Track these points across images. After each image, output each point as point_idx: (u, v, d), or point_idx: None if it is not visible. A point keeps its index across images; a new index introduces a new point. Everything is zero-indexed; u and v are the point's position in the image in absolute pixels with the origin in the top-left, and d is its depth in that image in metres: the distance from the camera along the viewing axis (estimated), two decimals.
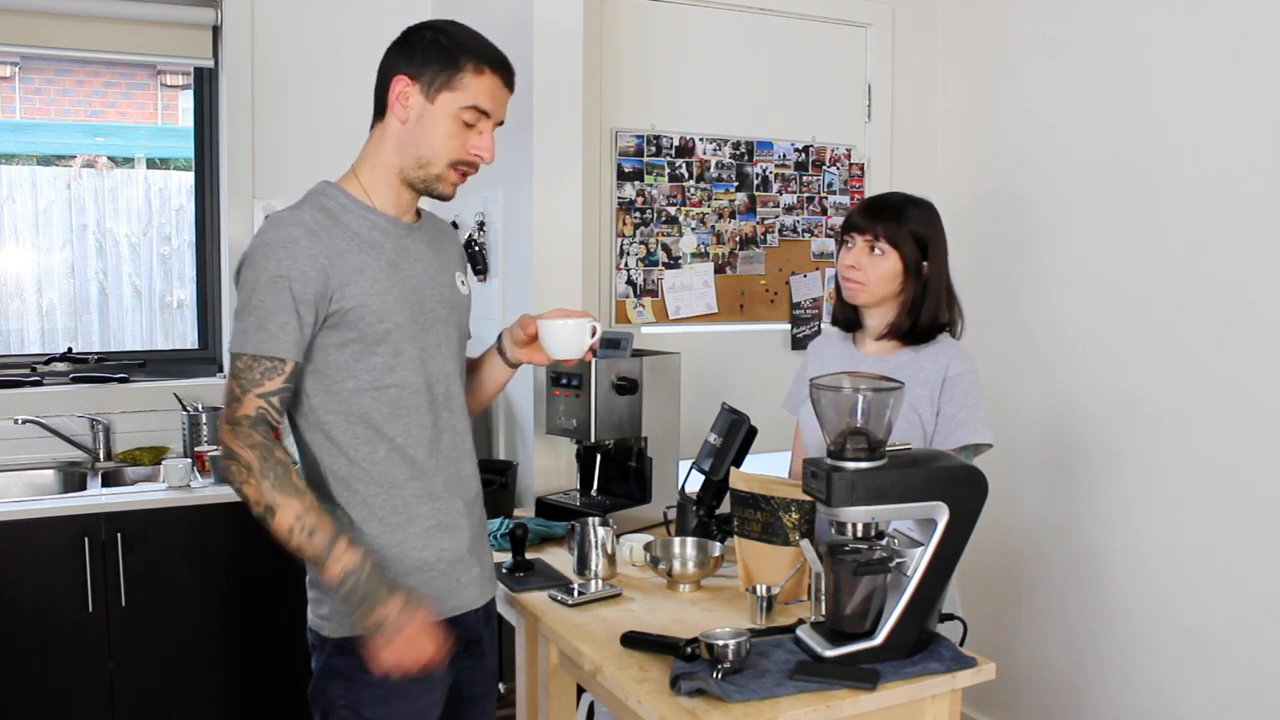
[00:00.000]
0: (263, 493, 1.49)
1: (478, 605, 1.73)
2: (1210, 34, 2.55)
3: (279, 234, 1.54)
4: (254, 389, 1.52)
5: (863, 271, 2.01)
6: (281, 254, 1.53)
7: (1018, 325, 3.11)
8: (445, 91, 1.60)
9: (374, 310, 1.58)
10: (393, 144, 1.63)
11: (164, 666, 2.66)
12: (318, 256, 1.54)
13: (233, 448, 1.51)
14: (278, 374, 1.53)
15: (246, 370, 1.53)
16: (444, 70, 1.60)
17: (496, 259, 2.93)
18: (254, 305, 1.53)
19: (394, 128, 1.63)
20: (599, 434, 2.43)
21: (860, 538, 1.65)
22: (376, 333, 1.59)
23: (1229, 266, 2.51)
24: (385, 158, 1.64)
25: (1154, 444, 2.70)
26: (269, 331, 1.52)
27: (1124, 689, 2.79)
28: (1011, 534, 3.12)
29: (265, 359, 1.52)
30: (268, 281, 1.52)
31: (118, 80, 3.92)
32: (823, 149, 3.34)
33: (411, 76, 1.60)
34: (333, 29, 3.23)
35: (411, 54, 1.61)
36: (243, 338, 1.53)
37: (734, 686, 1.53)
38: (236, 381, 1.53)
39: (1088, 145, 2.88)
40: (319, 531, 1.50)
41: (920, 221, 2.02)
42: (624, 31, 3.05)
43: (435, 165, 1.63)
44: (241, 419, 1.52)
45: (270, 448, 1.51)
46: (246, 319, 1.53)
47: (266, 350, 1.52)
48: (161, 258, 3.57)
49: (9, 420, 2.95)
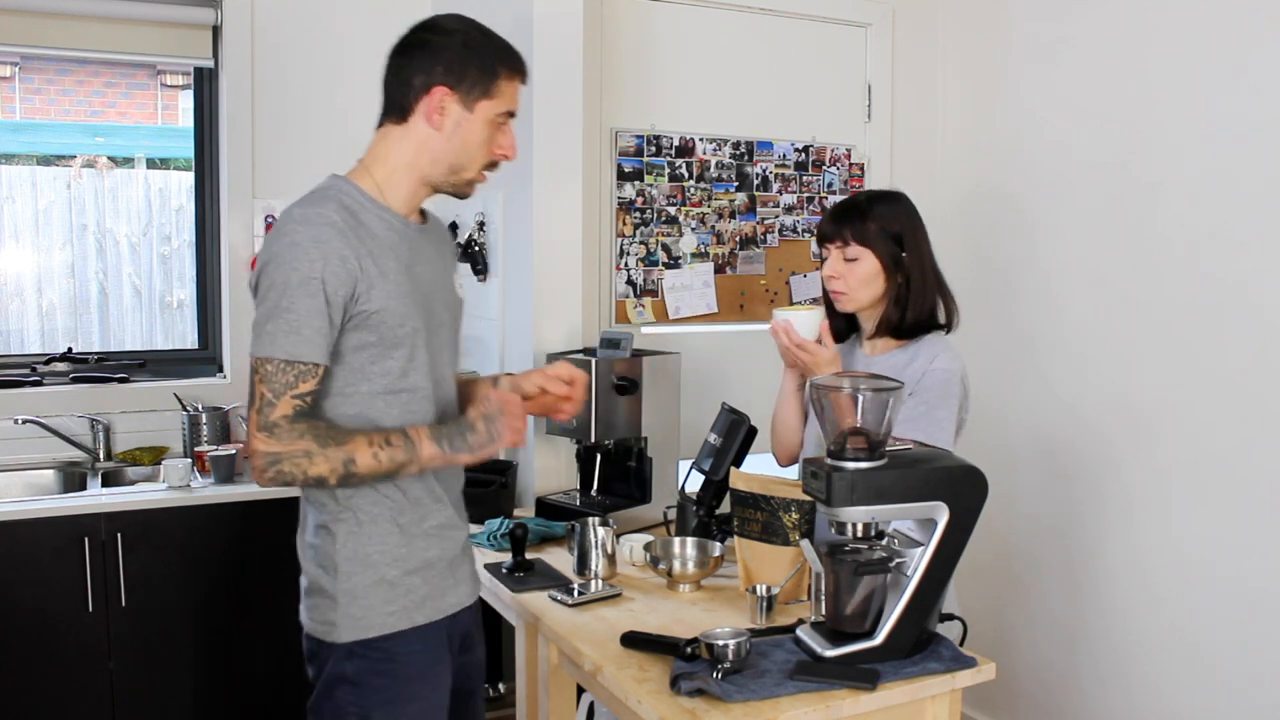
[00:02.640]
0: (333, 459, 1.48)
1: (472, 601, 1.75)
2: (1210, 34, 2.55)
3: (310, 233, 1.50)
4: (289, 391, 1.49)
5: (843, 280, 2.00)
6: (315, 254, 1.48)
7: (1017, 325, 3.11)
8: (484, 100, 1.61)
9: (396, 313, 1.56)
10: (421, 150, 1.61)
11: (164, 666, 2.66)
12: (348, 258, 1.51)
13: (277, 450, 1.47)
14: (310, 378, 1.50)
15: (278, 374, 1.48)
16: (482, 79, 1.60)
17: (496, 259, 2.93)
18: (284, 308, 1.48)
19: (424, 134, 1.60)
20: (599, 434, 2.43)
21: (860, 538, 1.64)
22: (396, 336, 1.57)
23: (1228, 267, 2.51)
24: (408, 160, 1.62)
25: (1153, 444, 2.70)
26: (303, 336, 1.48)
27: (1123, 689, 2.79)
28: (1011, 534, 3.12)
29: (300, 364, 1.49)
30: (300, 283, 1.48)
31: (118, 80, 3.92)
32: (823, 149, 3.34)
33: (451, 86, 1.58)
34: (333, 29, 3.23)
35: (449, 63, 1.59)
36: (272, 341, 1.48)
37: (734, 686, 1.53)
38: (267, 386, 1.48)
39: (1087, 145, 2.88)
40: (392, 446, 1.52)
41: (888, 216, 1.99)
42: (624, 31, 3.05)
43: (470, 170, 1.64)
44: (279, 420, 1.48)
45: (312, 421, 1.50)
46: (277, 321, 1.48)
47: (301, 355, 1.48)
48: (161, 258, 3.57)
49: (9, 420, 2.94)
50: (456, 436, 1.57)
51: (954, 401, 1.94)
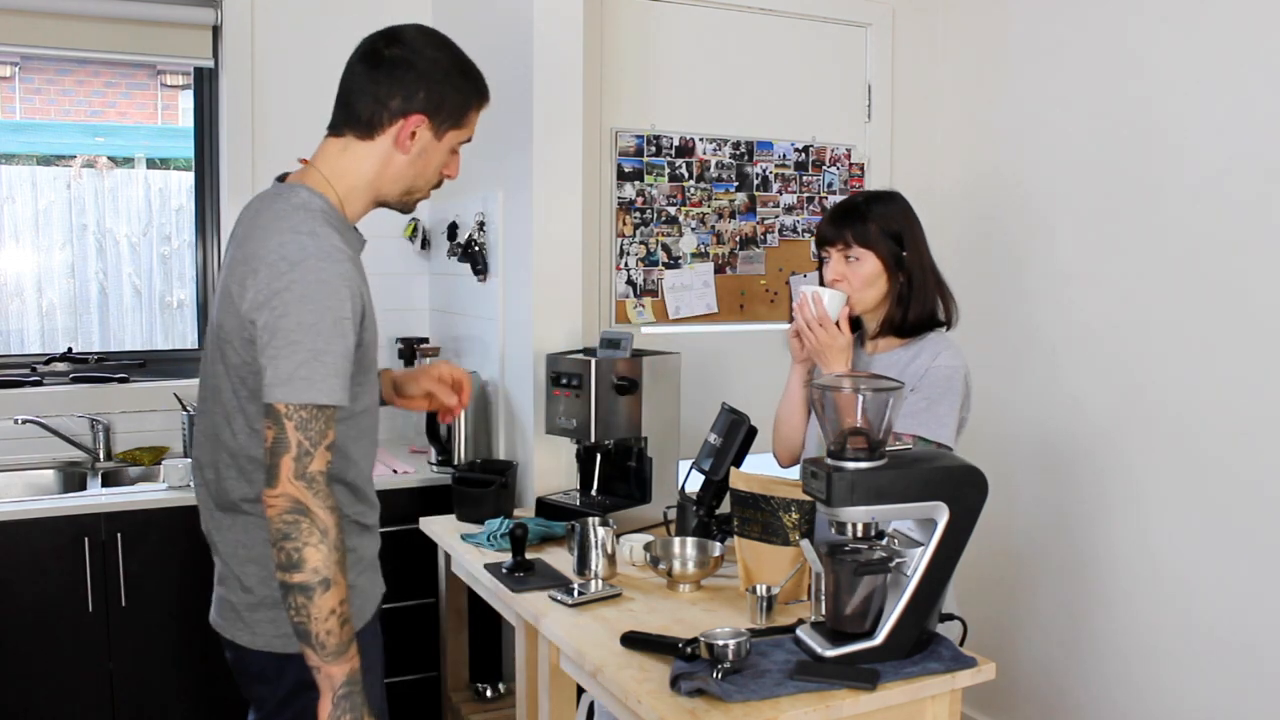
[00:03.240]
0: (329, 564, 1.41)
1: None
2: (1210, 33, 2.55)
3: (337, 270, 1.45)
4: (323, 442, 1.42)
5: (846, 282, 2.01)
6: (344, 294, 1.44)
7: (1017, 325, 3.11)
8: (453, 130, 1.63)
9: (372, 342, 1.57)
10: (383, 169, 1.60)
11: (164, 666, 2.66)
12: (362, 294, 1.50)
13: (310, 506, 1.40)
14: (334, 423, 1.45)
15: (314, 420, 1.41)
16: (456, 110, 1.62)
17: (496, 259, 2.93)
18: (322, 350, 1.42)
19: (388, 154, 1.59)
20: (599, 434, 2.43)
21: (860, 538, 1.64)
22: (368, 360, 1.56)
23: (1228, 266, 2.51)
24: (369, 179, 1.60)
25: (1154, 442, 2.70)
26: (342, 380, 1.44)
27: (1124, 689, 2.79)
28: (1011, 534, 3.12)
29: (332, 408, 1.44)
30: (333, 324, 1.43)
31: (118, 80, 3.92)
32: (823, 149, 3.34)
33: (429, 116, 1.59)
34: (333, 29, 3.23)
35: (430, 91, 1.58)
36: (309, 387, 1.41)
37: (734, 686, 1.53)
38: (303, 434, 1.41)
39: (1087, 145, 2.88)
40: (349, 624, 1.44)
41: (887, 216, 2.00)
42: (624, 31, 3.05)
43: (422, 190, 1.67)
44: (318, 475, 1.42)
45: (341, 519, 1.45)
46: (314, 367, 1.41)
47: (337, 399, 1.44)
48: (161, 258, 3.57)
49: (9, 420, 2.95)
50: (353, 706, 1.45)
51: (956, 399, 1.95)
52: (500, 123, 2.90)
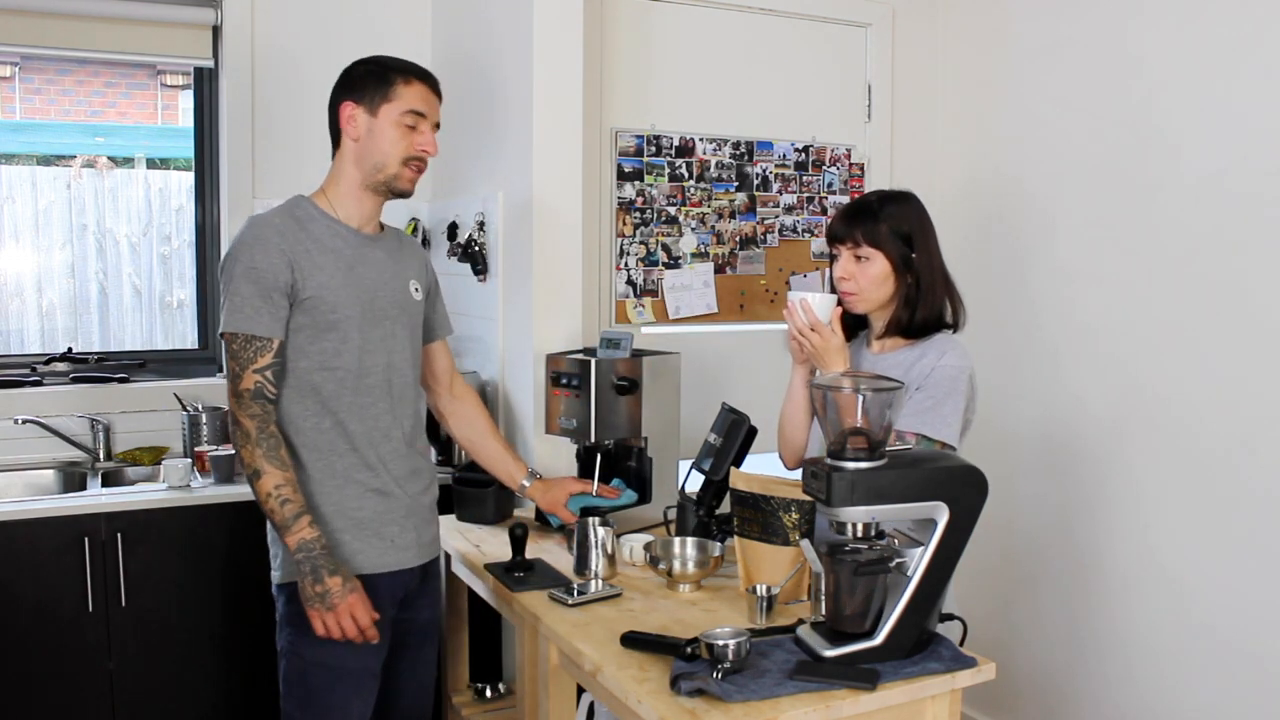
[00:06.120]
0: (255, 458, 1.80)
1: (412, 565, 2.00)
2: (1210, 33, 2.55)
3: (252, 233, 1.86)
4: (250, 365, 1.82)
5: (854, 280, 2.00)
6: (255, 249, 1.84)
7: (1017, 325, 3.11)
8: (384, 104, 1.91)
9: (327, 302, 1.87)
10: (351, 160, 1.94)
11: (164, 666, 2.66)
12: (285, 251, 1.85)
13: (237, 416, 1.82)
14: (267, 351, 1.83)
15: (241, 350, 1.82)
16: (379, 87, 1.92)
17: (496, 259, 2.92)
18: (233, 291, 1.83)
19: (349, 146, 1.94)
20: (599, 434, 2.43)
21: (860, 538, 1.65)
22: (328, 321, 1.88)
23: (1229, 266, 2.51)
24: (347, 174, 1.95)
25: (1154, 441, 2.70)
26: (245, 314, 1.81)
27: (1124, 688, 2.79)
28: (1012, 533, 3.12)
29: (255, 339, 1.82)
30: (243, 272, 1.83)
31: (118, 80, 3.93)
32: (823, 149, 3.34)
33: (355, 100, 1.92)
34: (333, 29, 3.23)
35: (350, 83, 1.94)
36: (226, 319, 1.83)
37: (734, 686, 1.53)
38: (235, 360, 1.83)
39: (1088, 144, 2.88)
40: (290, 503, 1.79)
41: (898, 216, 1.99)
42: (624, 31, 3.05)
43: (391, 166, 1.93)
44: (243, 393, 1.82)
45: (267, 420, 1.82)
46: (229, 303, 1.83)
47: (246, 329, 1.81)
48: (161, 258, 3.57)
49: (9, 420, 2.95)
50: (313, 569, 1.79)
51: (961, 399, 1.94)
52: (500, 123, 2.90)
